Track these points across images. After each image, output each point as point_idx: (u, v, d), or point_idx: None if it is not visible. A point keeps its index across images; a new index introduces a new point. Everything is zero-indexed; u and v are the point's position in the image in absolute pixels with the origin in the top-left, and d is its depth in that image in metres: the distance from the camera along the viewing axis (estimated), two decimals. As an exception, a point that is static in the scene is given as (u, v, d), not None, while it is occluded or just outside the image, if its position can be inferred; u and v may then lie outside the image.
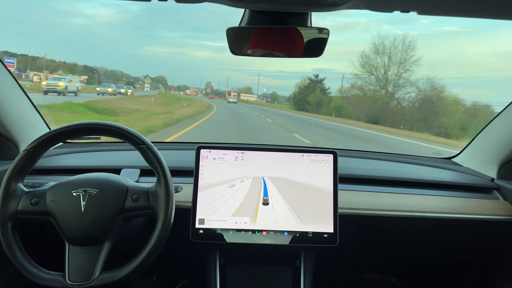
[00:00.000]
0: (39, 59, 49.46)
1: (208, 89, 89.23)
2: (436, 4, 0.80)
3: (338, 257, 1.66)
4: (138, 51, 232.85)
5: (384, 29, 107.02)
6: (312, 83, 40.13)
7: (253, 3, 0.92)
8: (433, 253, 1.65)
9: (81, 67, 58.96)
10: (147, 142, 1.07)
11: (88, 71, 56.09)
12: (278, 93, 78.62)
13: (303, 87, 41.23)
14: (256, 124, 16.53)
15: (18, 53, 35.62)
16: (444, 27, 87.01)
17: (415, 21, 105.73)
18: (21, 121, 1.43)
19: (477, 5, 0.79)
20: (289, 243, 1.26)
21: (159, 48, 56.22)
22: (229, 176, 1.29)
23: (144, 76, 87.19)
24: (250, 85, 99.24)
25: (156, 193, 1.06)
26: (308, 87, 40.21)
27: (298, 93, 42.17)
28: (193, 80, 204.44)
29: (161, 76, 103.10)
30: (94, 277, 0.99)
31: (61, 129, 1.06)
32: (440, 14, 0.87)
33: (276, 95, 73.06)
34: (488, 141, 1.62)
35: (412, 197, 1.44)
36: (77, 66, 57.20)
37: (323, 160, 1.31)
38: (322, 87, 39.18)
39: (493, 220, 1.42)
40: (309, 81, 40.80)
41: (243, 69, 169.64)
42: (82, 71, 54.99)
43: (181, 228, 1.23)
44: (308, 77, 44.86)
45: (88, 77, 50.83)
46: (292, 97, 46.31)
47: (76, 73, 51.19)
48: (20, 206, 1.02)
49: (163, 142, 2.01)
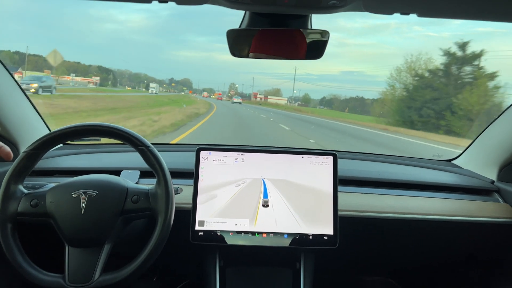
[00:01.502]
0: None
1: (232, 91, 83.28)
2: (436, 6, 0.80)
3: (338, 259, 1.65)
4: (165, 55, 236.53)
5: (415, 31, 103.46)
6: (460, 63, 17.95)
7: (253, 5, 0.92)
8: (433, 256, 1.64)
9: (96, 67, 57.71)
10: (147, 144, 1.07)
11: (103, 72, 54.85)
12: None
13: (431, 76, 19.75)
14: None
15: (31, 53, 35.52)
16: (478, 27, 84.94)
17: (447, 22, 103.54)
18: (21, 122, 1.43)
19: (477, 7, 0.79)
20: (289, 245, 1.25)
21: (187, 52, 56.24)
22: (229, 178, 1.29)
23: (169, 79, 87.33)
24: (278, 87, 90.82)
25: (156, 195, 1.06)
26: (448, 74, 18.49)
27: (411, 94, 20.49)
28: (218, 83, 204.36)
29: (187, 79, 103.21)
30: (94, 279, 0.99)
31: (61, 130, 1.06)
32: (440, 16, 0.87)
33: (308, 98, 64.59)
34: (488, 144, 1.62)
35: (412, 199, 1.44)
36: (90, 67, 56.17)
37: (323, 162, 1.31)
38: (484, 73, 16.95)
39: (494, 223, 1.41)
40: (450, 59, 18.19)
41: (269, 72, 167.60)
42: (96, 72, 53.60)
43: (181, 230, 1.23)
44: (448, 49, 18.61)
45: (101, 78, 49.76)
46: (388, 100, 23.28)
47: (89, 74, 50.21)
48: (20, 207, 1.02)
49: (163, 144, 2.01)
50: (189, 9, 5.13)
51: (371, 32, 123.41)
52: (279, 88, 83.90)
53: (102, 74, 54.32)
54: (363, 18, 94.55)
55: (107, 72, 56.92)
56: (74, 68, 51.86)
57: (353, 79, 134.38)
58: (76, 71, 50.55)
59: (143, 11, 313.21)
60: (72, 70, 49.49)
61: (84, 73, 51.82)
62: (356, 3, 0.81)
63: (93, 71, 54.65)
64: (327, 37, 1.02)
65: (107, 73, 56.68)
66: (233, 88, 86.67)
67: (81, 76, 48.60)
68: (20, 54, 33.22)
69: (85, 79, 48.39)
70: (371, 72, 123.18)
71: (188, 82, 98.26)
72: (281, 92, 75.60)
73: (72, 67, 50.95)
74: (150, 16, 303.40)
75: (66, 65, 50.84)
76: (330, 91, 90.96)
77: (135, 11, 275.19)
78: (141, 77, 72.43)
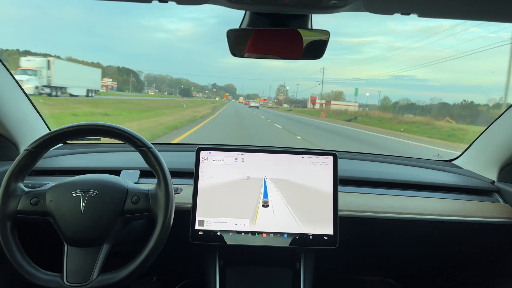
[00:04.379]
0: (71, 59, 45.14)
1: (280, 95, 66.67)
2: (436, 6, 0.80)
3: (338, 259, 1.65)
4: (211, 62, 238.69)
5: (471, 32, 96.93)
6: None
7: (253, 5, 0.92)
8: (434, 256, 1.64)
9: (115, 69, 50.98)
10: (148, 145, 1.07)
11: (123, 74, 48.83)
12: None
13: None
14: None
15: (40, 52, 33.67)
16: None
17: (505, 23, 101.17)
18: (21, 122, 1.43)
19: (477, 7, 0.79)
20: (289, 245, 1.25)
21: (233, 59, 56.01)
22: (229, 178, 1.29)
23: (211, 84, 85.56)
24: (335, 91, 69.04)
25: (156, 196, 1.06)
26: None
27: None
28: (263, 89, 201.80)
29: (230, 85, 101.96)
30: (92, 279, 0.99)
31: (62, 129, 1.06)
32: (440, 16, 0.87)
33: (389, 103, 43.67)
34: (489, 144, 1.62)
35: (412, 200, 1.44)
36: (109, 68, 50.89)
37: (323, 162, 1.30)
38: None
39: (494, 223, 1.41)
40: None
41: (309, 77, 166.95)
42: (115, 74, 46.80)
43: (180, 230, 1.23)
44: None
45: (121, 81, 43.10)
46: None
47: (106, 75, 45.34)
48: (20, 205, 1.02)
49: (163, 143, 2.01)
50: (235, 16, 5.24)
51: (422, 34, 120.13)
52: (341, 91, 66.64)
53: (122, 76, 48.81)
54: (413, 20, 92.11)
55: (128, 74, 50.98)
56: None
57: (404, 84, 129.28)
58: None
59: (191, 19, 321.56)
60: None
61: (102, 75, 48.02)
62: (356, 3, 0.81)
63: (111, 73, 48.79)
64: (327, 37, 1.02)
65: (128, 75, 50.64)
66: (282, 92, 69.74)
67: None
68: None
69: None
70: (422, 76, 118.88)
71: (232, 88, 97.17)
72: (343, 96, 60.54)
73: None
74: (198, 24, 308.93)
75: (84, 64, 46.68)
76: (380, 96, 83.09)
77: (183, 20, 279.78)
78: (183, 82, 71.05)
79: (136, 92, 48.53)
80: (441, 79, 28.41)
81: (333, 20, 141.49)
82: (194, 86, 77.06)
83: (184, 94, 72.20)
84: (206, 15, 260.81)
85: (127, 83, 47.62)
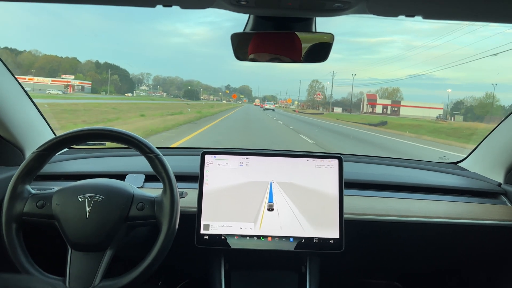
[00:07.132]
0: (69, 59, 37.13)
1: (317, 93, 50.93)
2: (441, 8, 0.80)
3: (344, 263, 1.64)
4: (226, 65, 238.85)
5: (490, 29, 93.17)
6: None
7: (257, 9, 0.92)
8: (439, 259, 1.63)
9: (93, 64, 41.33)
10: (156, 151, 1.07)
11: (102, 71, 38.67)
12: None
13: None
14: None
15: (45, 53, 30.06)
16: None
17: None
18: (27, 127, 1.43)
19: (483, 9, 0.78)
20: (294, 249, 1.25)
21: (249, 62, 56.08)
22: (233, 182, 1.28)
23: (225, 86, 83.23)
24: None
25: (161, 203, 1.05)
26: None
27: None
28: (281, 90, 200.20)
29: (245, 86, 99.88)
30: (94, 284, 0.99)
31: (71, 133, 1.07)
32: (446, 18, 0.87)
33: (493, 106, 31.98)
34: (495, 146, 1.61)
35: (418, 203, 1.43)
36: (86, 63, 42.75)
37: (328, 165, 1.30)
38: None
39: (500, 226, 1.40)
40: None
41: (328, 79, 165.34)
42: (90, 71, 36.67)
43: (186, 234, 1.23)
44: None
45: (96, 80, 35.50)
46: None
47: (77, 73, 36.68)
48: (26, 208, 1.03)
49: (168, 147, 2.01)
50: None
51: (440, 32, 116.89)
52: (398, 87, 55.46)
53: (101, 74, 38.26)
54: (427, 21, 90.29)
55: (110, 72, 40.50)
56: (50, 64, 36.74)
57: (421, 83, 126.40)
58: (53, 70, 36.92)
59: (207, 23, 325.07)
60: (50, 68, 35.95)
61: (66, 71, 37.16)
62: (360, 5, 0.80)
63: (87, 69, 38.89)
64: (332, 40, 1.02)
65: (110, 73, 40.31)
66: (319, 90, 51.44)
67: (51, 77, 34.28)
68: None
69: (57, 80, 33.97)
70: (439, 75, 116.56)
71: (247, 89, 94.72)
72: (400, 94, 51.71)
73: (48, 64, 36.57)
74: (214, 28, 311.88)
75: (42, 60, 36.00)
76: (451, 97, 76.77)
77: (199, 24, 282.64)
78: (193, 84, 69.02)
79: (119, 94, 39.88)
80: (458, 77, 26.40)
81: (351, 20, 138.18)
82: (207, 88, 75.39)
83: (190, 97, 69.36)
84: (221, 19, 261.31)
85: (106, 83, 37.67)
